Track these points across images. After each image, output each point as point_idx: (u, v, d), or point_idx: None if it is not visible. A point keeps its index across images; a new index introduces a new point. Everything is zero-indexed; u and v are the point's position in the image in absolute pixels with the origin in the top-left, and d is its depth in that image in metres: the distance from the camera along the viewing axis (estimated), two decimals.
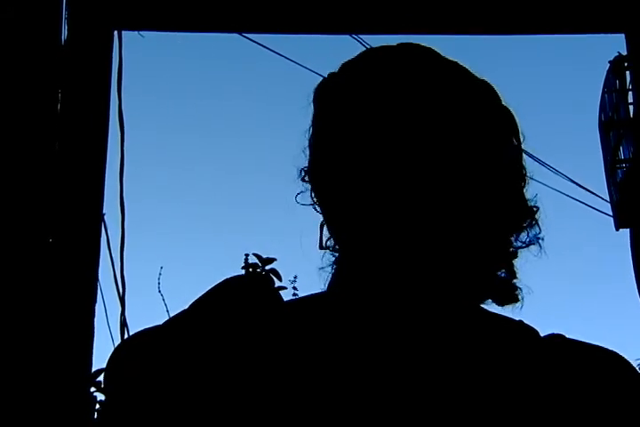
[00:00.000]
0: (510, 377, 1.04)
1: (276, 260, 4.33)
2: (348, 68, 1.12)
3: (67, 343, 2.30)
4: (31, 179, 2.36)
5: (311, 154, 1.12)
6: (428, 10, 2.63)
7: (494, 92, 1.12)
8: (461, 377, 1.03)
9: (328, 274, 1.14)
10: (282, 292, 1.10)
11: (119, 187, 2.74)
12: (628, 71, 5.44)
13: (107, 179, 2.50)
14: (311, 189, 1.13)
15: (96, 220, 2.45)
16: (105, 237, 2.75)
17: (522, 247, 1.12)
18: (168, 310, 4.33)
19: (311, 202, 1.13)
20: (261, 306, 1.06)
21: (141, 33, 2.73)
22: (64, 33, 2.48)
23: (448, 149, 1.05)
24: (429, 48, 1.12)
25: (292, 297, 1.19)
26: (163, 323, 1.08)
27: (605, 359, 1.08)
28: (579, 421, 1.03)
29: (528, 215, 1.12)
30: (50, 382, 2.25)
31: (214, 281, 1.07)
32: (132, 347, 1.08)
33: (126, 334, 3.02)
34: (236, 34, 2.99)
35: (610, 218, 5.87)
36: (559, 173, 5.61)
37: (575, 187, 5.76)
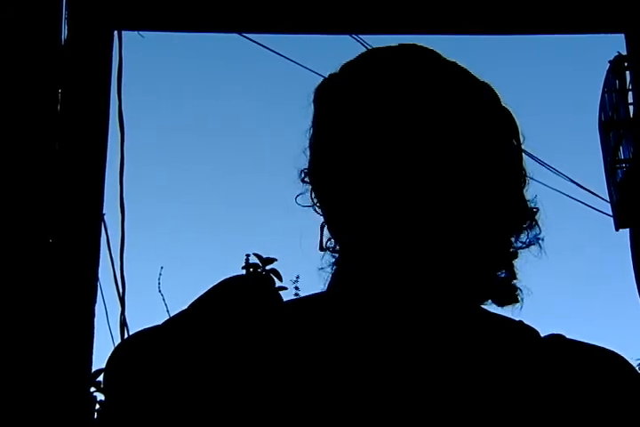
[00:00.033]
0: (510, 377, 1.04)
1: (276, 260, 4.33)
2: (348, 68, 1.12)
3: (67, 343, 2.30)
4: (31, 179, 2.36)
5: (312, 154, 1.12)
6: (428, 10, 2.63)
7: (494, 93, 1.12)
8: (461, 377, 1.03)
9: (328, 274, 1.14)
10: (284, 292, 1.10)
11: (119, 187, 2.75)
12: (627, 71, 5.44)
13: (107, 179, 2.50)
14: (311, 190, 1.13)
15: (96, 220, 2.45)
16: (105, 237, 2.75)
17: (522, 248, 1.12)
18: (168, 309, 4.34)
19: (311, 203, 1.13)
20: (261, 306, 1.06)
21: (141, 33, 2.73)
22: (64, 33, 2.48)
23: (448, 150, 1.05)
24: (430, 49, 1.12)
25: (294, 297, 1.18)
26: (162, 323, 1.08)
27: (605, 360, 1.08)
28: (579, 421, 1.03)
29: (528, 217, 1.12)
30: (50, 382, 2.25)
31: (214, 281, 1.07)
32: (131, 347, 1.08)
33: (126, 334, 3.02)
34: (235, 34, 2.99)
35: (610, 218, 5.87)
36: (559, 173, 5.61)
37: (575, 187, 5.76)
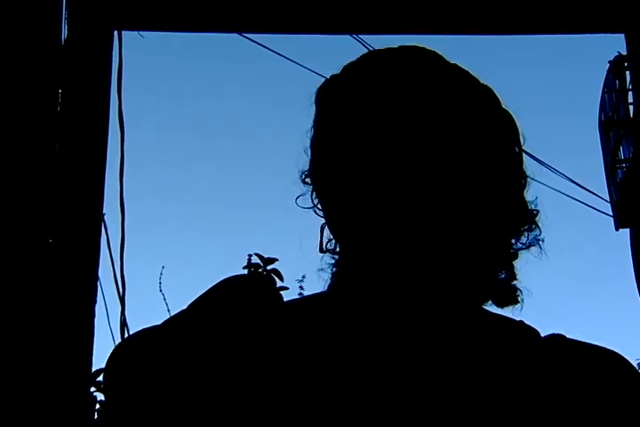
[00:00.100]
0: (511, 377, 1.04)
1: (277, 260, 4.32)
2: (349, 69, 1.12)
3: (67, 343, 2.30)
4: (31, 179, 2.36)
5: (313, 155, 1.12)
6: (428, 10, 2.63)
7: (495, 96, 1.12)
8: (462, 377, 1.03)
9: (328, 275, 1.14)
10: (287, 291, 1.10)
11: (119, 187, 2.74)
12: (627, 71, 5.44)
13: (107, 179, 2.50)
14: (312, 191, 1.13)
15: (96, 220, 2.45)
16: (105, 237, 2.75)
17: (522, 249, 1.12)
18: (169, 309, 4.34)
19: (312, 205, 1.13)
20: (261, 306, 1.06)
21: (141, 33, 2.73)
22: (64, 33, 2.48)
23: (449, 152, 1.05)
24: (431, 51, 1.12)
25: (298, 296, 1.18)
26: (162, 323, 1.08)
27: (606, 359, 1.08)
28: (579, 421, 1.03)
29: (528, 219, 1.12)
30: (50, 382, 2.25)
31: (215, 281, 1.07)
32: (131, 347, 1.08)
33: (126, 334, 3.02)
34: (235, 34, 2.99)
35: (610, 218, 5.88)
36: (559, 173, 5.61)
37: (575, 187, 5.76)
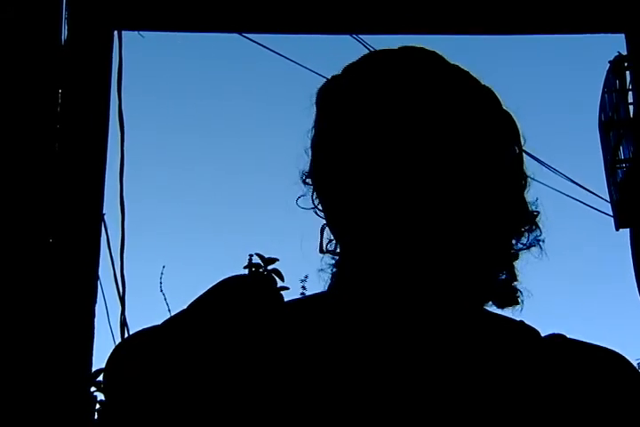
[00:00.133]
0: (511, 377, 1.04)
1: (278, 260, 4.32)
2: (350, 70, 1.12)
3: (67, 343, 2.30)
4: (31, 179, 2.36)
5: (313, 156, 1.12)
6: (428, 10, 2.63)
7: (495, 97, 1.12)
8: (462, 377, 1.03)
9: (328, 275, 1.14)
10: (288, 291, 1.10)
11: (119, 187, 2.74)
12: (627, 71, 5.44)
13: (107, 179, 2.50)
14: (313, 191, 1.13)
15: (96, 220, 2.45)
16: (105, 237, 2.75)
17: (522, 249, 1.12)
18: (169, 309, 4.34)
19: (312, 206, 1.13)
20: (261, 306, 1.06)
21: (141, 33, 2.73)
22: (64, 33, 2.48)
23: (449, 153, 1.05)
24: (432, 52, 1.12)
25: (300, 296, 1.19)
26: (162, 322, 1.08)
27: (606, 359, 1.08)
28: (580, 421, 1.03)
29: (529, 219, 1.12)
30: (50, 382, 2.25)
31: (215, 281, 1.07)
32: (131, 346, 1.08)
33: (126, 334, 3.02)
34: (236, 34, 2.99)
35: (610, 218, 5.87)
36: (559, 173, 5.60)
37: (575, 187, 5.75)
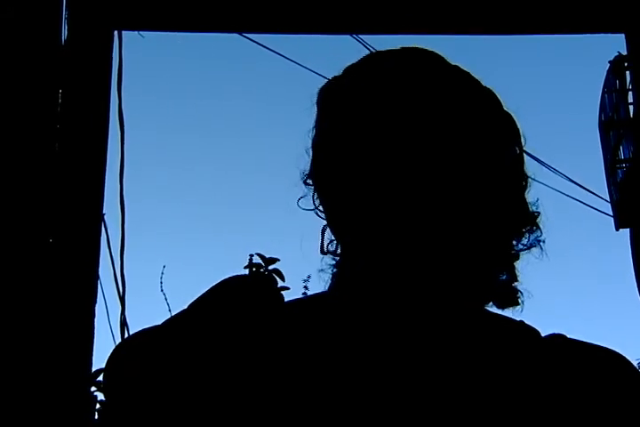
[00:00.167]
0: (512, 377, 1.04)
1: (279, 260, 4.32)
2: (351, 71, 1.12)
3: (67, 343, 2.30)
4: (31, 179, 2.36)
5: (314, 156, 1.12)
6: (428, 10, 2.63)
7: (496, 97, 1.12)
8: (462, 377, 1.03)
9: (328, 276, 1.14)
10: (289, 291, 1.10)
11: (119, 187, 2.75)
12: (627, 71, 5.44)
13: (107, 179, 2.50)
14: (314, 192, 1.13)
15: (96, 220, 2.45)
16: (105, 237, 2.75)
17: (523, 250, 1.12)
18: (170, 309, 4.34)
19: (313, 207, 1.13)
20: (261, 306, 1.06)
21: (141, 33, 2.73)
22: (64, 33, 2.48)
23: (450, 154, 1.05)
24: (433, 52, 1.12)
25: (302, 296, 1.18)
26: (162, 323, 1.08)
27: (607, 359, 1.08)
28: (580, 421, 1.03)
29: (529, 220, 1.12)
30: (50, 382, 2.25)
31: (216, 280, 1.07)
32: (131, 347, 1.08)
33: (126, 334, 3.02)
34: (236, 34, 2.99)
35: (610, 218, 5.88)
36: (559, 173, 5.60)
37: (575, 187, 5.75)
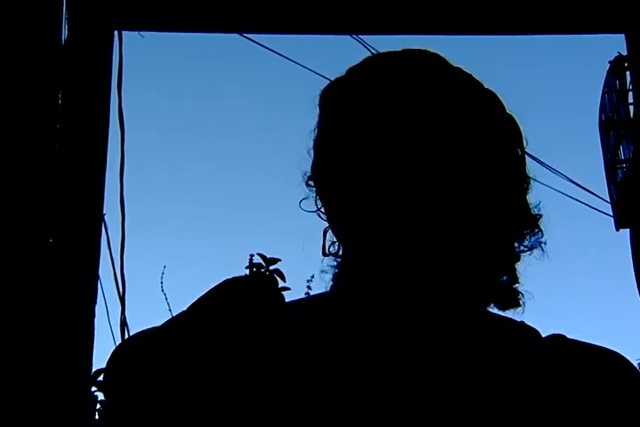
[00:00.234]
0: (512, 378, 1.04)
1: (280, 260, 4.31)
2: (354, 72, 1.12)
3: (67, 343, 2.30)
4: (31, 179, 2.36)
5: (316, 157, 1.12)
6: (428, 10, 2.63)
7: (498, 100, 1.12)
8: (463, 378, 1.03)
9: (330, 277, 1.14)
10: (289, 292, 1.10)
11: (119, 187, 2.75)
12: (628, 71, 5.43)
13: (107, 179, 2.50)
14: (316, 193, 1.13)
15: (96, 220, 2.45)
16: (105, 237, 2.75)
17: (524, 251, 1.12)
18: (170, 309, 4.34)
19: (315, 208, 1.13)
20: (262, 307, 1.06)
21: (141, 33, 2.73)
22: (64, 33, 2.48)
23: (452, 156, 1.05)
24: (435, 54, 1.12)
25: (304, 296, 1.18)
26: (162, 324, 1.08)
27: (607, 359, 1.08)
28: (580, 421, 1.03)
29: (531, 223, 1.12)
30: (50, 383, 2.25)
31: (217, 281, 1.07)
32: (131, 348, 1.08)
33: (126, 334, 3.02)
34: (236, 34, 2.99)
35: (610, 218, 5.87)
36: (559, 173, 5.60)
37: (575, 187, 5.75)
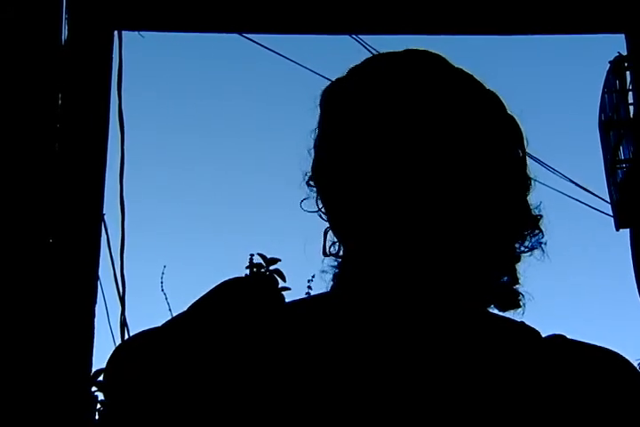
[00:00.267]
0: (512, 378, 1.04)
1: (280, 260, 4.31)
2: (355, 73, 1.12)
3: (67, 344, 2.30)
4: (31, 179, 2.36)
5: (317, 158, 1.12)
6: (428, 10, 2.63)
7: (499, 100, 1.12)
8: (463, 378, 1.03)
9: (330, 277, 1.14)
10: (290, 292, 1.10)
11: (119, 187, 2.75)
12: (628, 71, 5.43)
13: (107, 179, 2.50)
14: (317, 193, 1.13)
15: (96, 220, 2.45)
16: (105, 237, 2.75)
17: (525, 252, 1.12)
18: (170, 309, 4.34)
19: (316, 208, 1.13)
20: (262, 307, 1.06)
21: (141, 33, 2.73)
22: (64, 33, 2.48)
23: (453, 156, 1.05)
24: (436, 55, 1.12)
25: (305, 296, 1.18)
26: (163, 324, 1.08)
27: (607, 360, 1.08)
28: (580, 421, 1.03)
29: (531, 224, 1.12)
30: (50, 383, 2.25)
31: (217, 281, 1.07)
32: (131, 348, 1.08)
33: (126, 334, 3.02)
34: (236, 34, 2.99)
35: (610, 218, 5.87)
36: (559, 173, 5.60)
37: (575, 187, 5.75)
